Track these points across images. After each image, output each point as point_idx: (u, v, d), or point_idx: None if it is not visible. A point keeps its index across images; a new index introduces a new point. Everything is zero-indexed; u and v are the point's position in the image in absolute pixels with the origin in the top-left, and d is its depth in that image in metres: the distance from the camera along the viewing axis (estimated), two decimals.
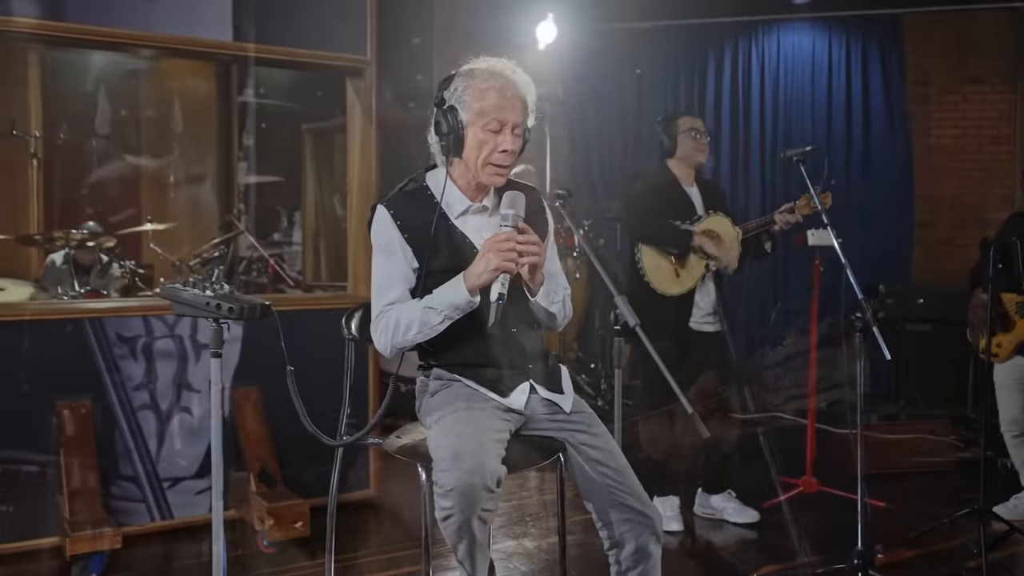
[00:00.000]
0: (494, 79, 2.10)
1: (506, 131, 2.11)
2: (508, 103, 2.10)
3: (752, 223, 3.70)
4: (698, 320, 3.69)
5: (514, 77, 2.13)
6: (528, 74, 2.19)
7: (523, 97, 2.14)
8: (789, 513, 3.86)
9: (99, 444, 3.39)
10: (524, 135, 2.18)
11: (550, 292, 2.20)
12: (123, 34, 3.37)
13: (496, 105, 2.09)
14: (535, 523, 3.79)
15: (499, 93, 2.09)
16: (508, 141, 2.11)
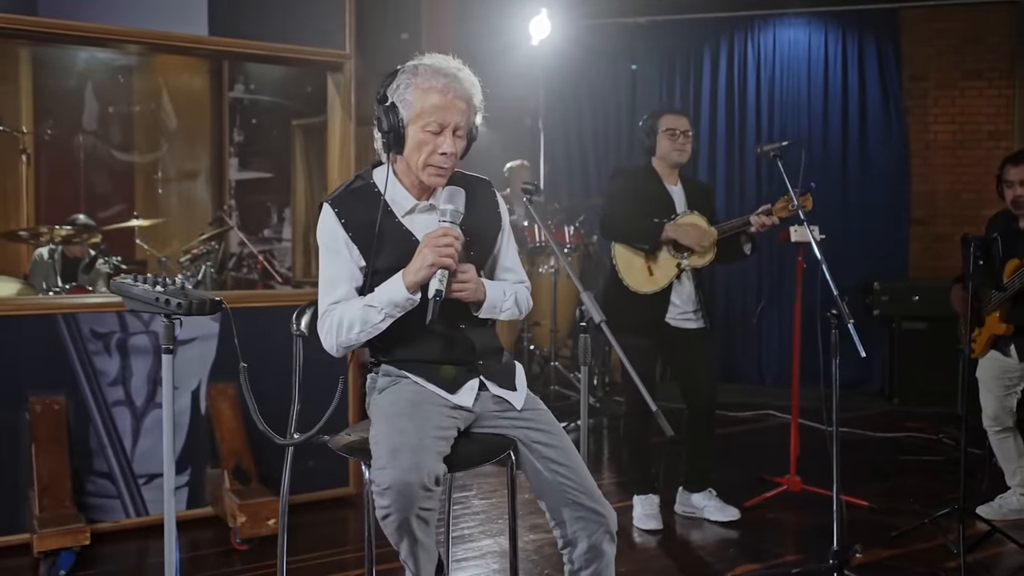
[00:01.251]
0: (436, 78, 2.06)
1: (446, 133, 2.07)
2: (450, 104, 2.05)
3: (727, 224, 3.65)
4: (676, 317, 3.66)
5: (459, 76, 2.08)
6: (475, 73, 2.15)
7: (467, 97, 2.09)
8: (771, 512, 3.83)
9: (73, 440, 3.38)
10: (469, 135, 2.15)
11: (495, 305, 2.18)
12: (96, 28, 3.35)
13: (437, 106, 2.05)
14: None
15: (441, 94, 2.05)
16: (448, 144, 2.07)
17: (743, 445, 5.13)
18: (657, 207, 3.64)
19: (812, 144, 6.76)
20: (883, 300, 6.24)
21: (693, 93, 7.04)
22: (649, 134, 3.71)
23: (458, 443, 2.03)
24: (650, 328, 3.61)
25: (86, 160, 5.95)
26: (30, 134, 5.55)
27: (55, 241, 4.87)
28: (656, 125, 3.69)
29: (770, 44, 6.89)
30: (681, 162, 3.70)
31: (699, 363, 3.68)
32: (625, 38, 7.08)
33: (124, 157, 6.03)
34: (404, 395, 2.08)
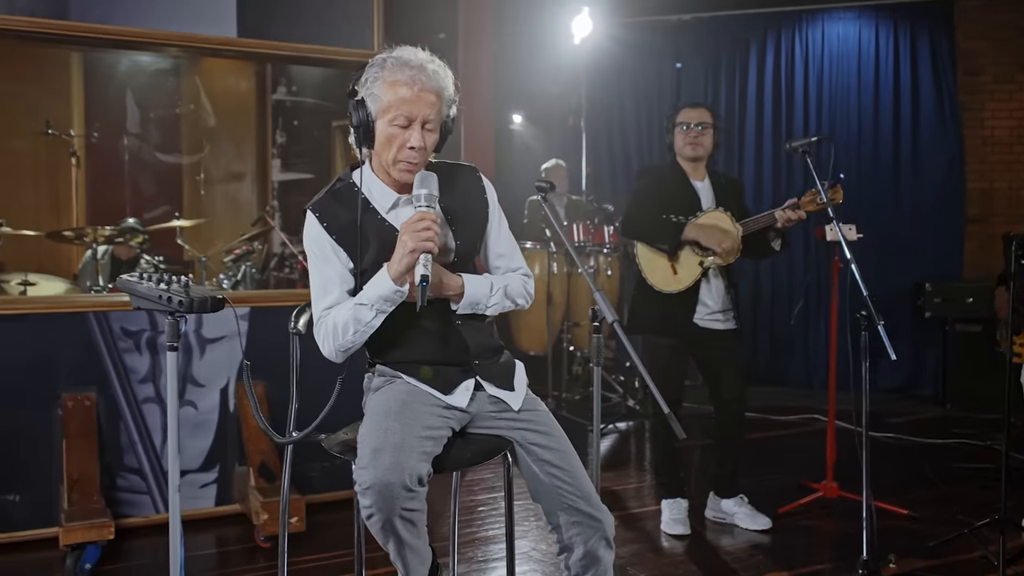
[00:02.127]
0: (402, 71, 2.02)
1: (415, 127, 2.03)
2: (416, 97, 2.01)
3: (753, 220, 3.55)
4: (704, 317, 3.57)
5: (426, 67, 2.04)
6: (444, 63, 2.11)
7: (435, 89, 2.05)
8: (805, 519, 3.73)
9: (105, 436, 3.45)
10: (441, 128, 2.11)
11: (477, 300, 2.13)
12: (126, 32, 3.42)
13: (404, 99, 2.01)
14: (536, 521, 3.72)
15: (407, 86, 2.01)
16: (416, 137, 2.03)
17: (785, 450, 5.01)
18: (681, 204, 3.56)
19: (862, 141, 6.60)
20: (935, 302, 6.04)
21: (739, 91, 6.92)
22: (668, 129, 3.65)
23: (453, 443, 2.00)
24: (677, 328, 3.54)
25: (133, 162, 6.07)
26: (79, 137, 5.68)
27: (98, 241, 4.98)
28: (673, 120, 3.63)
29: (819, 39, 6.73)
30: (696, 156, 3.59)
31: (728, 364, 3.59)
32: (669, 36, 6.99)
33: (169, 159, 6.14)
34: (395, 395, 2.06)
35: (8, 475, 3.32)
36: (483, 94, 5.45)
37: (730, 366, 3.59)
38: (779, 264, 6.65)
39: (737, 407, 3.62)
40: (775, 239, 3.58)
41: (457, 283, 2.09)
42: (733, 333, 3.62)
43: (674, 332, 3.54)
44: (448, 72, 2.11)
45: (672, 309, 3.54)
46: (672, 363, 3.60)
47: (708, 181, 3.66)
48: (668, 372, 3.60)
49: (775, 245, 3.59)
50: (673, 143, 3.62)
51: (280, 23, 3.67)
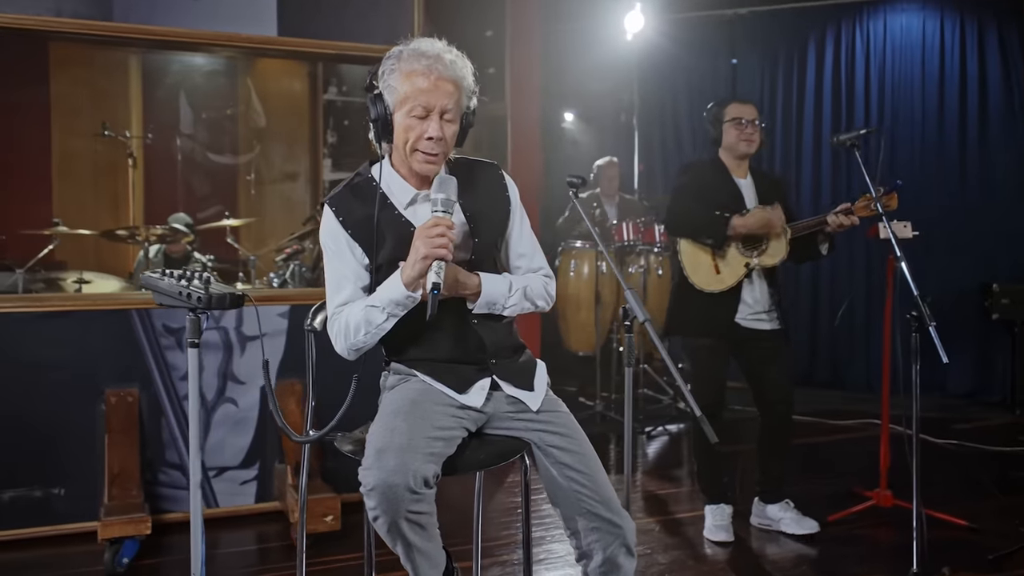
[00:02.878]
0: (419, 61, 1.97)
1: (433, 117, 1.98)
2: (434, 86, 1.96)
3: (802, 223, 3.43)
4: (747, 317, 3.46)
5: (443, 57, 1.99)
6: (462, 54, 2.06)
7: (453, 79, 2.00)
8: (855, 528, 3.59)
9: (147, 432, 3.49)
10: (461, 119, 2.06)
11: (494, 300, 2.07)
12: (168, 32, 3.46)
13: (421, 89, 1.96)
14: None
15: (424, 76, 1.96)
16: (434, 128, 1.98)
17: (840, 455, 4.85)
18: (724, 201, 3.45)
19: (926, 137, 6.36)
20: (1003, 303, 5.78)
21: (797, 87, 6.73)
22: (715, 124, 3.54)
23: (468, 444, 1.95)
24: (720, 328, 3.44)
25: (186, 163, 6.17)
26: (136, 138, 5.79)
27: (149, 240, 5.06)
28: (722, 114, 3.52)
29: (880, 32, 6.50)
30: (749, 152, 3.50)
31: (771, 366, 3.48)
32: (724, 31, 6.83)
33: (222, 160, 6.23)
34: (407, 393, 2.02)
35: (54, 469, 3.39)
36: (531, 92, 5.38)
37: (774, 367, 3.48)
38: (840, 262, 6.46)
39: (783, 409, 3.49)
40: (823, 242, 3.46)
41: (474, 282, 2.04)
42: (777, 333, 3.50)
43: (715, 332, 3.44)
44: (467, 62, 2.06)
45: (714, 309, 3.44)
46: (713, 364, 3.50)
47: (750, 179, 3.56)
48: (709, 374, 3.51)
49: (823, 249, 3.48)
50: (720, 138, 3.52)
51: (320, 21, 3.68)
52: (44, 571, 3.16)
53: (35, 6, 3.26)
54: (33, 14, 3.26)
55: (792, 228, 3.42)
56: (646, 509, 3.88)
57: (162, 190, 6.20)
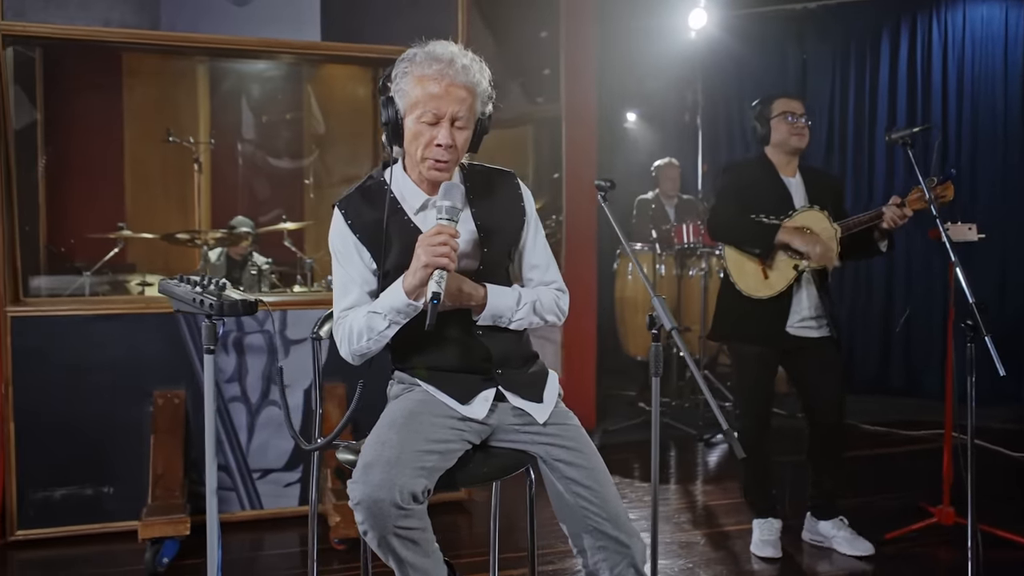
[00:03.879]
0: (431, 66, 1.92)
1: (443, 123, 1.93)
2: (444, 93, 1.91)
3: (853, 220, 3.24)
4: (795, 325, 3.31)
5: (456, 62, 1.93)
6: (479, 58, 2.00)
7: (467, 85, 1.94)
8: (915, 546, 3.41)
9: (193, 433, 3.55)
10: (473, 126, 2.00)
11: (500, 314, 2.01)
12: (213, 39, 3.51)
13: (432, 95, 1.91)
14: None
15: (436, 82, 1.91)
16: (444, 135, 1.93)
17: (908, 468, 4.63)
18: (771, 202, 3.30)
19: (1008, 134, 6.04)
20: None
21: (870, 82, 6.48)
22: (762, 121, 3.38)
23: (472, 457, 1.90)
24: (768, 336, 3.30)
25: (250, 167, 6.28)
26: (201, 143, 5.92)
27: (209, 244, 5.16)
28: (769, 110, 3.37)
29: (959, 24, 6.21)
30: (800, 148, 3.34)
31: (822, 375, 3.32)
32: (793, 25, 6.64)
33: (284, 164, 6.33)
34: (406, 404, 1.97)
35: (104, 468, 3.47)
36: (586, 92, 5.29)
37: (825, 376, 3.33)
38: (916, 263, 6.20)
39: (834, 420, 3.34)
40: (881, 239, 3.27)
41: (480, 294, 1.99)
42: (828, 341, 3.34)
43: (764, 340, 3.31)
44: (482, 67, 2.00)
45: (763, 316, 3.30)
46: (760, 374, 3.37)
47: (800, 177, 3.40)
48: (756, 383, 3.38)
49: (881, 246, 3.29)
50: (769, 135, 3.37)
51: (363, 25, 3.68)
52: (91, 567, 3.24)
53: (84, 17, 3.34)
54: (83, 24, 3.35)
55: (842, 226, 3.24)
56: (693, 520, 3.77)
57: (226, 194, 6.33)
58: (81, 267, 5.21)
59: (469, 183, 2.06)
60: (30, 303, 3.47)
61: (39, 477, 3.41)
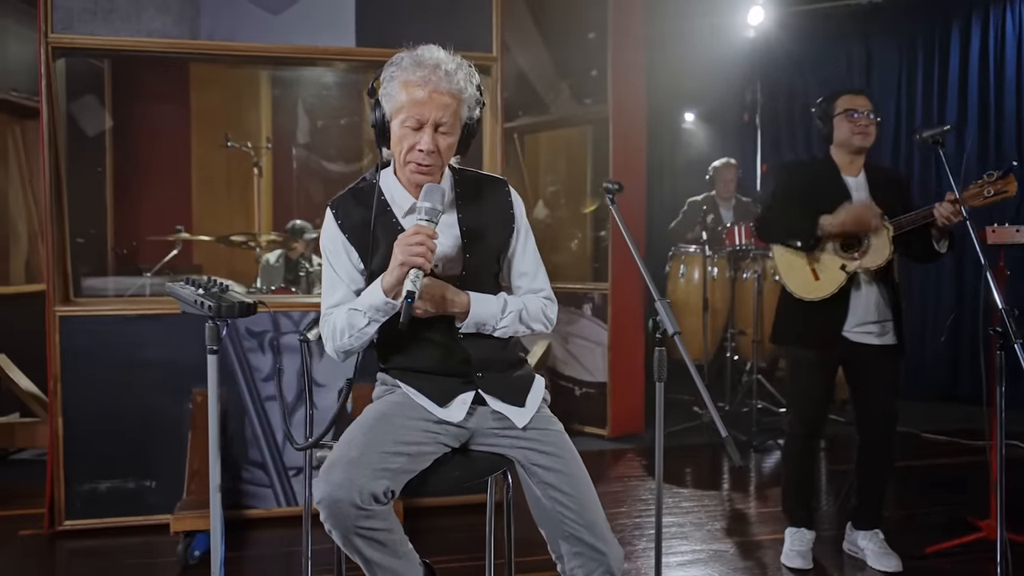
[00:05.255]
0: (416, 71, 1.93)
1: (426, 129, 1.94)
2: (428, 99, 1.92)
3: (906, 218, 3.09)
4: (853, 329, 3.18)
5: (441, 68, 1.94)
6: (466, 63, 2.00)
7: (451, 91, 1.94)
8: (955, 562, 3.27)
9: (231, 431, 3.65)
10: (459, 131, 2.00)
11: (483, 321, 2.01)
12: (250, 47, 3.61)
13: (416, 101, 1.92)
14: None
15: (420, 87, 1.92)
16: (426, 140, 1.94)
17: (966, 480, 4.44)
18: (829, 201, 3.16)
19: None
20: None
21: (938, 78, 6.25)
22: (825, 119, 3.25)
23: (449, 459, 1.91)
24: (823, 340, 3.18)
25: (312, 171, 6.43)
26: (258, 148, 6.08)
27: (263, 246, 5.30)
28: (831, 108, 3.23)
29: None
30: (864, 147, 3.20)
31: (875, 386, 3.20)
32: (857, 21, 6.44)
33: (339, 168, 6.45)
34: (381, 406, 1.99)
35: (146, 463, 3.60)
36: (635, 93, 5.24)
37: (878, 387, 3.21)
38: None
39: (880, 434, 3.22)
40: (940, 239, 3.10)
41: (462, 300, 2.00)
42: (890, 349, 3.20)
43: (819, 344, 3.19)
44: (470, 72, 2.01)
45: (816, 318, 3.18)
46: (813, 379, 3.25)
47: (864, 176, 3.25)
48: (808, 389, 3.27)
49: (940, 247, 3.12)
50: (832, 133, 3.23)
51: (398, 30, 3.72)
52: (131, 557, 3.37)
53: (128, 28, 3.48)
54: (127, 36, 3.48)
55: (894, 224, 3.09)
56: (727, 529, 3.70)
57: (286, 197, 6.49)
58: (143, 269, 5.42)
59: (459, 188, 2.08)
60: (79, 303, 3.62)
61: (85, 470, 3.56)
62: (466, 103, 2.00)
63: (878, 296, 3.19)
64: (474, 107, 2.02)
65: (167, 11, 3.52)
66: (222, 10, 3.57)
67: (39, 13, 3.39)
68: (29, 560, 3.36)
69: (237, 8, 3.58)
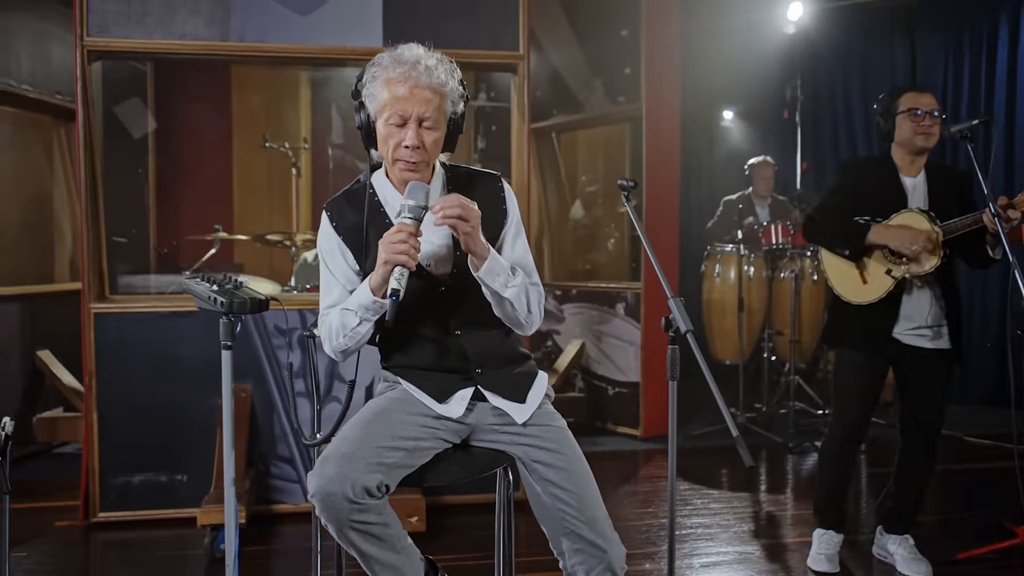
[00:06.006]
0: (395, 68, 1.94)
1: (410, 125, 1.95)
2: (410, 95, 1.93)
3: (956, 222, 2.98)
4: (906, 332, 3.09)
5: (420, 63, 1.94)
6: (447, 59, 2.00)
7: (432, 86, 1.94)
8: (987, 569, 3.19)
9: (260, 426, 3.70)
10: (445, 126, 2.00)
11: (496, 272, 1.96)
12: (279, 48, 3.66)
13: (397, 97, 1.93)
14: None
15: (401, 84, 1.93)
16: (411, 136, 1.95)
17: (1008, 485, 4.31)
18: (884, 204, 3.09)
19: None
20: None
21: (986, 73, 6.08)
22: (886, 117, 3.15)
23: (449, 455, 1.91)
24: (872, 343, 3.11)
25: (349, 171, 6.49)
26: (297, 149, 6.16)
27: (297, 245, 5.37)
28: (894, 105, 3.12)
29: None
30: (927, 147, 3.10)
31: (922, 388, 3.12)
32: (901, 15, 6.31)
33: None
34: (381, 402, 2.01)
35: (179, 457, 3.67)
36: (669, 91, 5.20)
37: (927, 389, 3.13)
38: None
39: (926, 435, 3.15)
40: (995, 245, 2.98)
41: (484, 249, 1.96)
42: (944, 354, 3.11)
43: (868, 346, 3.12)
44: (451, 67, 2.01)
45: (866, 322, 3.11)
46: (860, 382, 3.16)
47: (923, 177, 3.15)
48: (852, 391, 3.19)
49: (995, 253, 3.01)
50: (893, 131, 3.14)
51: (424, 29, 3.72)
52: (162, 549, 3.44)
53: (161, 31, 3.55)
54: (160, 39, 3.55)
55: (944, 229, 3.00)
56: (754, 531, 3.65)
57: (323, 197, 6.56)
58: (183, 268, 5.52)
59: (451, 186, 2.08)
60: (114, 300, 3.71)
61: (119, 464, 3.64)
62: (449, 97, 2.00)
63: (932, 300, 3.10)
64: (458, 102, 2.02)
65: (199, 14, 3.58)
66: (252, 12, 3.62)
67: (75, 17, 3.48)
68: (64, 551, 3.44)
69: (266, 10, 3.64)
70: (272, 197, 6.64)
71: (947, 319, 3.11)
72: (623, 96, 5.34)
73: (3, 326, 4.78)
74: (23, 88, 4.96)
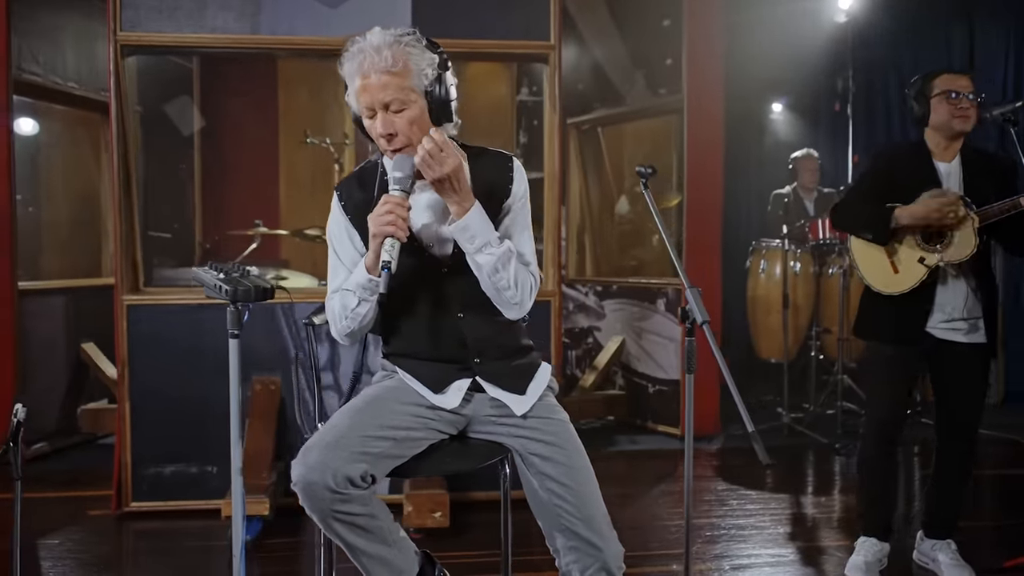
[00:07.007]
0: (351, 63, 1.93)
1: (379, 113, 1.91)
2: (369, 84, 1.90)
3: (994, 207, 2.83)
4: (939, 326, 2.95)
5: (373, 48, 1.90)
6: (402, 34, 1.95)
7: (388, 69, 1.88)
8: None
9: (288, 418, 3.71)
10: (418, 101, 1.92)
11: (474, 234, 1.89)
12: (307, 41, 3.66)
13: (360, 88, 1.92)
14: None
15: (360, 76, 1.91)
16: (380, 124, 1.91)
17: None
18: (916, 189, 2.93)
19: None
20: None
21: None
22: (920, 99, 3.00)
23: (445, 446, 1.86)
24: (904, 336, 2.98)
25: None
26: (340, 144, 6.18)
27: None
28: (929, 88, 2.98)
29: None
30: (964, 131, 2.95)
31: (958, 386, 2.98)
32: (958, 2, 6.09)
33: None
34: (374, 390, 1.98)
35: (209, 448, 3.70)
36: (712, 82, 5.06)
37: (963, 388, 2.99)
38: None
39: (960, 440, 3.01)
40: None
41: (469, 200, 1.89)
42: (979, 349, 2.96)
43: (900, 339, 2.99)
44: (405, 42, 1.93)
45: (898, 314, 2.98)
46: (892, 376, 3.03)
47: (958, 162, 3.00)
48: (884, 387, 3.06)
49: None
50: (927, 115, 2.99)
51: (454, 20, 3.71)
52: (192, 539, 3.47)
53: (192, 25, 3.58)
54: (191, 33, 3.58)
55: (980, 215, 2.85)
56: (790, 534, 3.53)
57: None
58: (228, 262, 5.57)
59: None
60: (147, 292, 3.75)
61: (151, 455, 3.68)
62: (414, 72, 1.92)
63: (968, 290, 2.95)
64: (427, 73, 1.94)
65: (229, 8, 3.60)
66: (281, 5, 3.63)
67: (108, 12, 3.52)
68: (95, 539, 3.49)
69: (296, 3, 3.64)
70: (316, 193, 6.68)
71: (983, 312, 2.95)
72: (664, 88, 5.24)
73: (49, 319, 4.88)
74: (69, 86, 5.06)
